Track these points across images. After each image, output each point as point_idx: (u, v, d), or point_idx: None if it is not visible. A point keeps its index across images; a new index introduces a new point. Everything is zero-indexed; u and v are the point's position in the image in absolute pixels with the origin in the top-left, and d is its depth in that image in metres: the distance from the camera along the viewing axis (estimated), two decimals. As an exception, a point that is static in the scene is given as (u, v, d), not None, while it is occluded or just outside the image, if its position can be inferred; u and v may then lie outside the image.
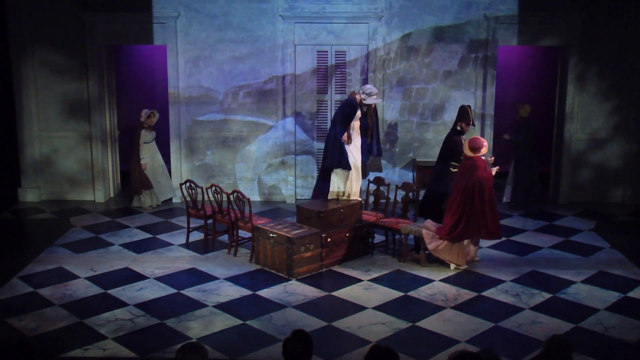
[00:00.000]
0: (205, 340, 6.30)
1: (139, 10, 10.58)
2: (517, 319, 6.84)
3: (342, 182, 8.67)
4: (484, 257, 8.59)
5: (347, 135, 8.54)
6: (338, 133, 8.53)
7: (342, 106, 8.73)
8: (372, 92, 8.65)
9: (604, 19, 10.60)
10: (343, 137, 8.52)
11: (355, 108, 8.59)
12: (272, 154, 11.08)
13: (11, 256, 8.59)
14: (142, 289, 7.56)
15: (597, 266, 8.27)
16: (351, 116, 8.55)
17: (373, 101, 8.70)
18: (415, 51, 10.76)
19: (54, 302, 7.19)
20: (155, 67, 12.92)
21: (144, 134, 10.52)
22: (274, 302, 7.24)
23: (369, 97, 8.60)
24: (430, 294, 7.44)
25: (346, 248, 8.40)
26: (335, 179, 8.67)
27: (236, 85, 10.90)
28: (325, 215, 8.20)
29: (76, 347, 6.23)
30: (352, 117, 8.55)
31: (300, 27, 10.70)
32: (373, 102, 8.71)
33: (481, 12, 10.59)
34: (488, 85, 10.81)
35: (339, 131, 8.53)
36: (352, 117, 8.56)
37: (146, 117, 10.56)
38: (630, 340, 6.42)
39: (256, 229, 8.28)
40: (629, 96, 10.80)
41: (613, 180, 11.04)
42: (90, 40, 10.71)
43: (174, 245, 9.08)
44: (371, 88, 8.71)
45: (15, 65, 10.80)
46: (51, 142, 11.06)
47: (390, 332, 6.56)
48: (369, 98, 8.60)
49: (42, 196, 11.19)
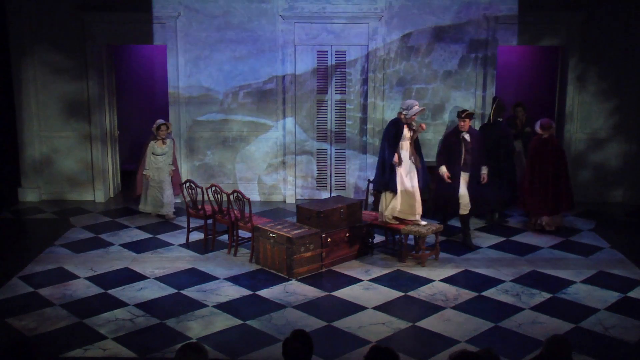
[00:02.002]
0: (205, 340, 6.30)
1: (139, 10, 10.58)
2: (517, 319, 6.84)
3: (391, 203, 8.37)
4: (483, 257, 8.59)
5: (398, 157, 8.27)
6: (387, 157, 8.29)
7: (387, 128, 8.52)
8: (411, 104, 8.33)
9: (604, 19, 10.60)
10: (394, 159, 8.26)
11: (399, 127, 8.32)
12: (272, 154, 11.08)
13: (11, 256, 8.59)
14: (142, 289, 7.56)
15: (597, 266, 8.27)
16: (397, 136, 8.29)
17: (415, 112, 8.29)
18: (415, 51, 10.76)
19: (54, 302, 7.19)
20: (155, 67, 12.92)
21: (152, 145, 9.99)
22: (274, 302, 7.23)
23: (410, 110, 8.27)
24: (430, 294, 7.44)
25: (346, 248, 8.40)
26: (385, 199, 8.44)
27: (236, 85, 10.90)
28: (325, 215, 8.20)
29: (76, 347, 6.23)
30: (398, 137, 8.29)
31: (300, 27, 10.70)
32: (415, 113, 8.30)
33: (481, 12, 10.59)
34: (488, 85, 10.81)
35: (388, 154, 8.29)
36: (399, 137, 8.29)
37: (155, 128, 9.99)
38: (630, 340, 6.42)
39: (256, 229, 8.28)
40: (629, 96, 10.81)
41: (613, 180, 11.04)
42: (90, 40, 10.71)
43: (174, 245, 9.07)
44: (409, 102, 8.44)
45: (15, 65, 10.80)
46: (51, 142, 11.06)
47: (390, 332, 6.55)
48: (410, 111, 8.27)
49: (42, 196, 11.19)
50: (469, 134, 8.91)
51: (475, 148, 8.91)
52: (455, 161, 8.86)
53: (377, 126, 10.89)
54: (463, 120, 8.86)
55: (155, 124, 10.02)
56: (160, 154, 10.01)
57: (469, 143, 8.89)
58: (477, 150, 8.93)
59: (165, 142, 10.02)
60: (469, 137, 8.89)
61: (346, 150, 11.09)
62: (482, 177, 8.98)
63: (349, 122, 11.00)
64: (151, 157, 10.05)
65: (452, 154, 8.90)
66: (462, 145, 8.89)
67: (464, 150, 8.87)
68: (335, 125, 11.00)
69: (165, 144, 10.02)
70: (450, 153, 8.94)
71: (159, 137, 9.98)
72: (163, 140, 10.01)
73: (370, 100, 10.85)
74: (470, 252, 8.77)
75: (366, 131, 10.94)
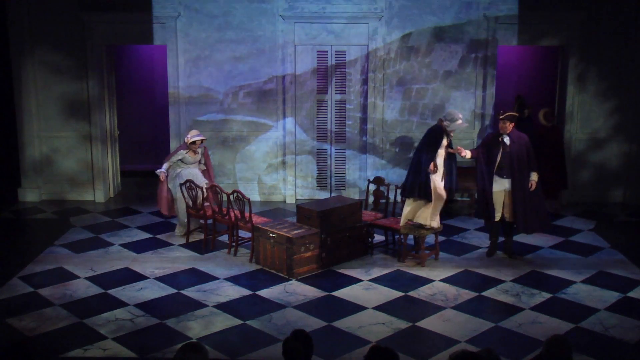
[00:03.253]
0: (205, 340, 6.30)
1: (139, 10, 10.58)
2: (517, 319, 6.84)
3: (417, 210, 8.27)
4: (483, 257, 8.59)
5: (434, 165, 8.07)
6: (424, 162, 8.07)
7: (428, 134, 8.27)
8: (455, 116, 8.13)
9: (604, 19, 10.60)
10: (430, 167, 8.05)
11: (441, 136, 8.13)
12: (272, 154, 11.08)
13: (11, 256, 8.60)
14: (142, 289, 7.56)
15: (597, 266, 8.27)
16: (437, 144, 8.11)
17: (459, 126, 8.22)
18: (415, 51, 10.76)
19: (54, 302, 7.19)
20: (155, 67, 12.92)
21: (182, 153, 9.25)
22: (274, 302, 7.24)
23: (453, 123, 8.11)
24: (430, 294, 7.44)
25: (346, 248, 8.40)
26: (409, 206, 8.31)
27: (236, 85, 10.90)
28: (325, 215, 8.20)
29: (76, 347, 6.23)
30: (438, 145, 8.11)
31: (300, 27, 10.70)
32: (459, 127, 8.24)
33: (481, 12, 10.60)
34: (488, 85, 10.81)
35: (425, 160, 8.07)
36: (438, 145, 8.11)
37: (190, 141, 9.20)
38: (630, 340, 6.42)
39: (256, 229, 8.28)
40: (629, 96, 10.81)
41: (613, 180, 11.04)
42: (90, 40, 10.71)
43: (174, 245, 9.07)
44: (454, 113, 8.23)
45: (15, 65, 10.80)
46: (51, 142, 11.06)
47: (390, 332, 6.56)
48: (453, 124, 8.11)
49: (42, 196, 11.19)
50: (509, 137, 8.25)
51: (515, 154, 8.20)
52: (490, 164, 8.32)
53: (377, 126, 10.90)
54: (502, 122, 8.24)
55: (189, 136, 9.22)
56: (191, 162, 9.34)
57: (507, 147, 8.23)
58: (517, 157, 8.19)
59: (197, 152, 9.38)
60: (508, 141, 8.23)
61: (346, 150, 11.09)
62: (530, 184, 8.23)
63: (349, 122, 11.00)
64: (177, 162, 9.31)
65: (489, 155, 8.35)
66: (500, 148, 8.28)
67: (500, 154, 8.26)
68: (335, 125, 11.00)
69: (197, 153, 9.38)
70: (487, 153, 8.38)
71: (191, 148, 9.28)
72: (194, 150, 9.35)
73: (370, 100, 10.85)
74: (470, 252, 8.77)
75: (366, 131, 10.94)
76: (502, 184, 8.30)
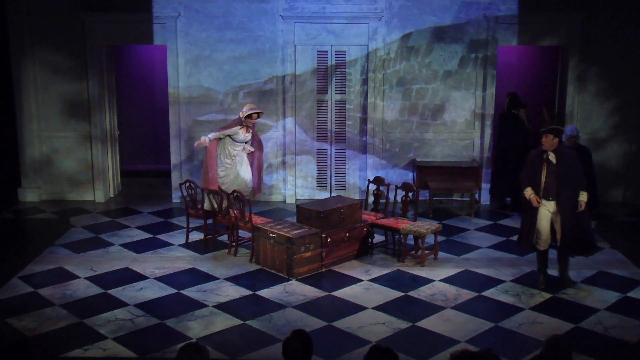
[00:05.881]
0: (205, 340, 6.30)
1: (139, 10, 10.58)
2: (517, 319, 6.84)
3: None
4: (483, 257, 8.59)
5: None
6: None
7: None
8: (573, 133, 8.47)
9: (604, 19, 10.60)
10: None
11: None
12: (272, 154, 11.07)
13: (11, 256, 8.59)
14: (142, 289, 7.56)
15: (597, 266, 8.27)
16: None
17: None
18: (415, 51, 10.76)
19: (54, 302, 7.19)
20: (155, 67, 12.92)
21: (235, 129, 8.90)
22: (274, 302, 7.24)
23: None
24: (430, 294, 7.44)
25: (346, 248, 8.40)
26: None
27: (236, 85, 10.90)
28: (325, 215, 8.20)
29: (76, 347, 6.23)
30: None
31: (300, 27, 10.70)
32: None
33: (481, 12, 10.59)
34: (488, 85, 10.81)
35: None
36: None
37: (245, 115, 8.86)
38: (630, 340, 6.42)
39: (256, 229, 8.28)
40: (629, 96, 10.81)
41: (613, 180, 11.03)
42: (90, 40, 10.71)
43: (174, 245, 9.08)
44: (571, 129, 8.55)
45: (15, 65, 10.80)
46: (51, 142, 11.06)
47: (390, 332, 6.56)
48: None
49: (42, 196, 11.19)
50: (554, 154, 7.31)
51: (563, 173, 7.30)
52: (535, 186, 7.39)
53: (377, 126, 10.90)
54: (545, 135, 7.28)
55: (245, 110, 8.89)
56: (242, 141, 8.98)
57: (553, 165, 7.30)
58: (565, 176, 7.30)
59: (249, 130, 9.00)
60: (554, 159, 7.30)
61: (346, 150, 11.09)
62: (580, 205, 7.38)
63: (349, 122, 11.00)
64: (226, 138, 8.93)
65: (534, 176, 7.42)
66: (544, 167, 7.35)
67: (545, 174, 7.35)
68: (335, 125, 11.00)
69: (249, 132, 9.00)
70: (532, 175, 7.46)
71: (247, 123, 8.90)
72: (248, 128, 8.97)
73: (370, 100, 10.85)
74: (470, 252, 8.77)
75: (366, 131, 10.94)
76: (549, 207, 7.43)
